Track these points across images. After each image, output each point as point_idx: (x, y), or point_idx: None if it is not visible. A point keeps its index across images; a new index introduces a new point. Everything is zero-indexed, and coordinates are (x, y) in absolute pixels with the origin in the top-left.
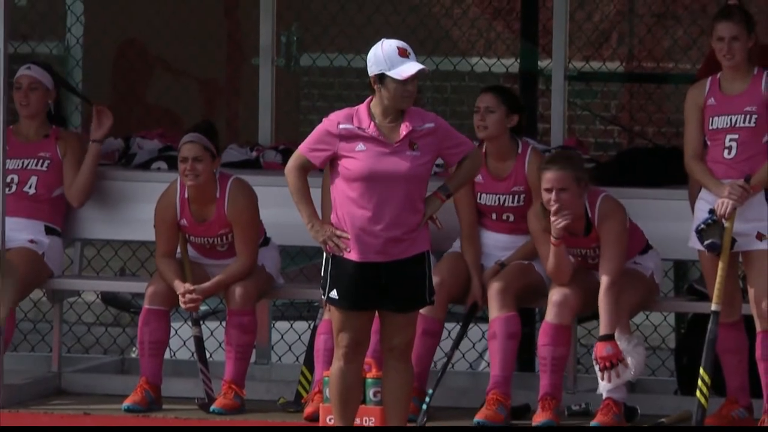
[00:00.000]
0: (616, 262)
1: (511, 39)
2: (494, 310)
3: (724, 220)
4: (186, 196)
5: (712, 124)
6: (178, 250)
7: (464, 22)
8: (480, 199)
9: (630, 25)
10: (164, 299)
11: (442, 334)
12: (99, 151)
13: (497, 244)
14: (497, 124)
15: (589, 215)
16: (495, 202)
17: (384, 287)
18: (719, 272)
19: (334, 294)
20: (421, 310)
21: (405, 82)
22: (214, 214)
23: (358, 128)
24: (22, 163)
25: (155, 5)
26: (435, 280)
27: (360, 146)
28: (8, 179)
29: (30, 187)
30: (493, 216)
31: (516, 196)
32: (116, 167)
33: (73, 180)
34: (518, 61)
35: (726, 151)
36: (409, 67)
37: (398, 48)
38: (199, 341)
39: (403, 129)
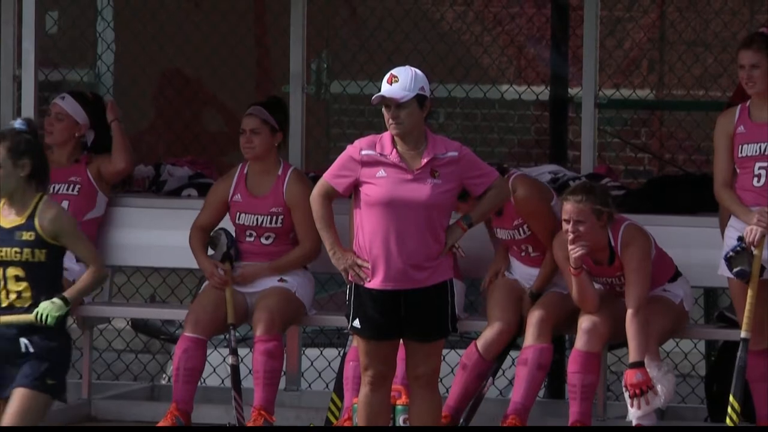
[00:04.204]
0: (641, 288)
1: (542, 66)
2: (530, 338)
3: (753, 248)
4: (245, 171)
5: (741, 152)
6: (216, 285)
7: (494, 50)
8: (497, 234)
9: (660, 52)
10: (204, 328)
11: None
12: (120, 125)
13: (527, 277)
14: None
15: (612, 244)
16: (508, 236)
17: (405, 316)
18: (748, 299)
19: (357, 323)
20: (482, 352)
21: (389, 108)
22: (271, 189)
23: (380, 154)
24: (53, 188)
25: (185, 33)
26: (499, 326)
27: (381, 172)
28: None
29: None
30: (515, 248)
31: (519, 229)
32: (147, 194)
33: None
34: (548, 88)
35: (755, 179)
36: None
37: (389, 75)
38: (235, 369)
39: (425, 156)
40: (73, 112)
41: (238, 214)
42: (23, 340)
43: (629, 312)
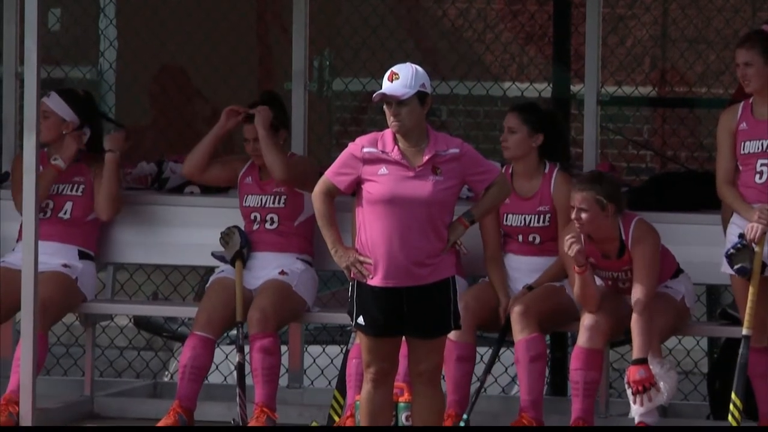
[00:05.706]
0: (649, 285)
1: (544, 64)
2: (516, 335)
3: (754, 245)
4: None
5: (743, 149)
6: (233, 276)
7: (497, 47)
8: (506, 220)
9: (662, 49)
10: (215, 328)
11: (476, 358)
12: (115, 160)
13: (524, 267)
14: (520, 145)
15: (623, 238)
16: (521, 222)
17: (407, 313)
18: (749, 297)
19: (360, 320)
20: (452, 336)
21: (390, 105)
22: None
23: (382, 152)
24: (57, 188)
25: (188, 31)
26: (460, 305)
27: (383, 170)
28: (43, 204)
29: (65, 213)
30: (519, 238)
31: (541, 216)
32: (149, 191)
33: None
34: (551, 85)
35: (757, 176)
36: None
37: (390, 72)
38: (241, 367)
39: (427, 153)
40: (58, 109)
41: (245, 196)
42: None
43: (636, 308)
